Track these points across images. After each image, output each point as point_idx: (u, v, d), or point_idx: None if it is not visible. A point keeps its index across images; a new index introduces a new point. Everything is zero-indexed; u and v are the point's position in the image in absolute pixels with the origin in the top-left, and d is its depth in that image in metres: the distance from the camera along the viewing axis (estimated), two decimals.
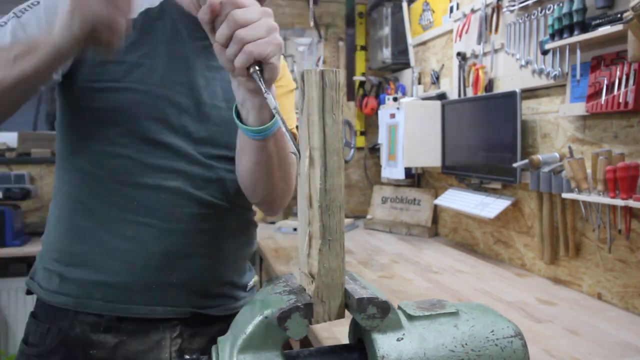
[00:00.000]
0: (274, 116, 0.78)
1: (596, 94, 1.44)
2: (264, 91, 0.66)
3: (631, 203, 1.31)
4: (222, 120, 0.92)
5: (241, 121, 0.79)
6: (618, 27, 1.32)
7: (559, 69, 1.64)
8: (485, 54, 2.08)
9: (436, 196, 2.54)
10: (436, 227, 2.62)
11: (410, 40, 2.71)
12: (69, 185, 0.91)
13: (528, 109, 1.85)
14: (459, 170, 2.27)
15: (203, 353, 0.94)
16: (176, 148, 0.89)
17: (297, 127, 1.04)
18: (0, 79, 0.69)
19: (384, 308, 0.47)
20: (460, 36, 2.23)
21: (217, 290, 0.97)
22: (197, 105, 0.91)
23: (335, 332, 1.27)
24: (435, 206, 2.57)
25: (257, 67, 0.67)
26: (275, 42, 0.67)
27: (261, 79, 0.67)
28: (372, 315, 0.47)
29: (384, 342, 0.47)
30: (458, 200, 2.23)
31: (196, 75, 0.91)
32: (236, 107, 0.79)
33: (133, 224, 0.88)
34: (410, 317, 0.50)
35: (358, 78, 3.16)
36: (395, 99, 2.55)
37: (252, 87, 0.72)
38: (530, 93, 1.84)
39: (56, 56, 0.69)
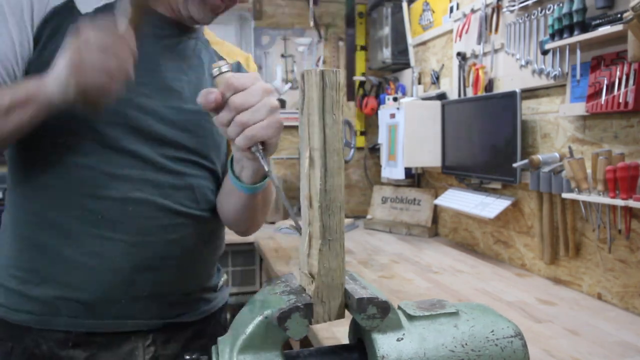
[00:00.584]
0: (266, 176, 0.81)
1: (596, 94, 1.44)
2: (266, 169, 0.68)
3: (631, 203, 1.31)
4: (189, 124, 0.89)
5: (234, 172, 0.82)
6: (618, 27, 1.32)
7: (559, 69, 1.64)
8: (485, 54, 2.08)
9: (436, 196, 2.54)
10: (436, 227, 2.62)
11: (410, 40, 2.71)
12: (26, 198, 0.85)
13: (528, 109, 1.85)
14: (459, 170, 2.27)
15: (177, 357, 0.93)
16: (142, 155, 0.84)
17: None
18: None
19: (384, 308, 0.47)
20: (460, 36, 2.23)
21: (188, 298, 0.95)
22: (164, 108, 0.87)
23: (335, 332, 1.27)
24: (435, 206, 2.57)
25: (259, 146, 0.68)
26: (275, 125, 0.68)
27: (263, 157, 0.68)
28: (372, 315, 0.47)
29: (384, 342, 0.47)
30: (458, 200, 2.23)
31: (162, 76, 0.88)
32: (231, 158, 0.83)
33: (98, 238, 0.83)
34: (410, 317, 0.50)
35: (358, 78, 3.16)
36: (395, 99, 2.55)
37: (252, 158, 0.73)
38: (530, 93, 1.84)
39: (48, 109, 0.72)
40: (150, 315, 0.89)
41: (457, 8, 2.30)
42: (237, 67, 1.03)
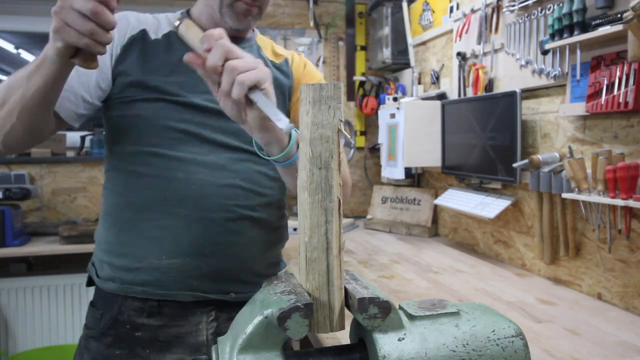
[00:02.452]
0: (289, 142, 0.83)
1: (596, 94, 1.44)
2: (268, 114, 0.69)
3: (631, 203, 1.31)
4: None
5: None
6: (618, 27, 1.32)
7: (559, 69, 1.64)
8: (485, 54, 2.08)
9: (436, 196, 2.54)
10: (436, 227, 2.62)
11: (410, 40, 2.71)
12: (113, 183, 1.04)
13: (528, 109, 1.85)
14: (459, 170, 2.27)
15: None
16: (205, 139, 1.00)
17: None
18: (21, 95, 0.84)
19: (386, 308, 0.47)
20: (460, 36, 2.23)
21: (249, 278, 1.06)
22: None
23: (335, 332, 1.27)
24: (435, 206, 2.57)
25: (255, 91, 0.69)
26: (264, 70, 0.73)
27: (266, 102, 0.69)
28: (373, 315, 0.47)
29: (385, 342, 0.47)
30: (458, 200, 2.23)
31: None
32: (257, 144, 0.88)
33: (166, 213, 0.98)
34: (411, 317, 0.50)
35: (358, 78, 3.16)
36: (395, 99, 2.55)
37: (258, 122, 0.76)
38: (530, 93, 1.84)
39: (55, 69, 0.80)
40: (210, 289, 1.02)
41: (457, 8, 2.30)
42: (285, 64, 1.17)
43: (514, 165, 1.80)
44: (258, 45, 1.14)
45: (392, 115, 2.48)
